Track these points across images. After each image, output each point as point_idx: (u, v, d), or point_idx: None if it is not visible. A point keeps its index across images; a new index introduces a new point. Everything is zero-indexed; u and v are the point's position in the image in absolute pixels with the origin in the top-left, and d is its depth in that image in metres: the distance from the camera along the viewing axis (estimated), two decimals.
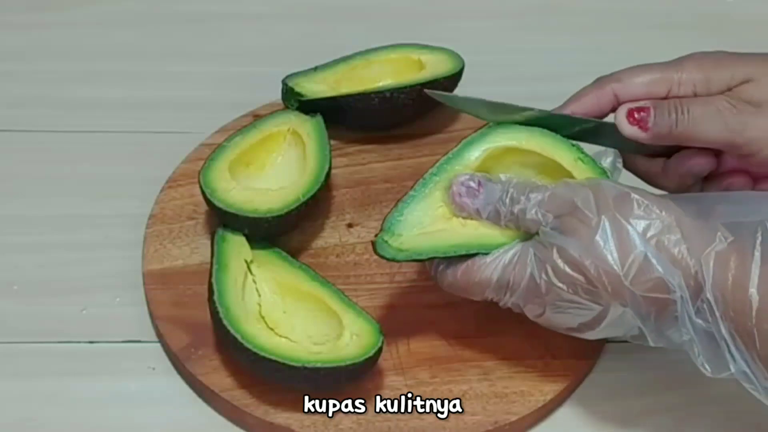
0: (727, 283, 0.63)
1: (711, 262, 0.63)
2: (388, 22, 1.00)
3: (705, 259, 0.63)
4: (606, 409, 0.74)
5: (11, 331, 0.77)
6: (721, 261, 0.63)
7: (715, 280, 0.63)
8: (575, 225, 0.66)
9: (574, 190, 0.67)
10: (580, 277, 0.65)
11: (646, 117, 0.70)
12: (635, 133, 0.70)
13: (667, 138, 0.70)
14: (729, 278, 0.63)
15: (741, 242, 0.63)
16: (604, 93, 0.72)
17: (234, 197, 0.78)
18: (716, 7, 1.02)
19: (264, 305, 0.75)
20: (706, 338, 0.64)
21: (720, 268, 0.63)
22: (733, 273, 0.63)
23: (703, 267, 0.63)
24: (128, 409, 0.74)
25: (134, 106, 0.92)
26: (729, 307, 0.62)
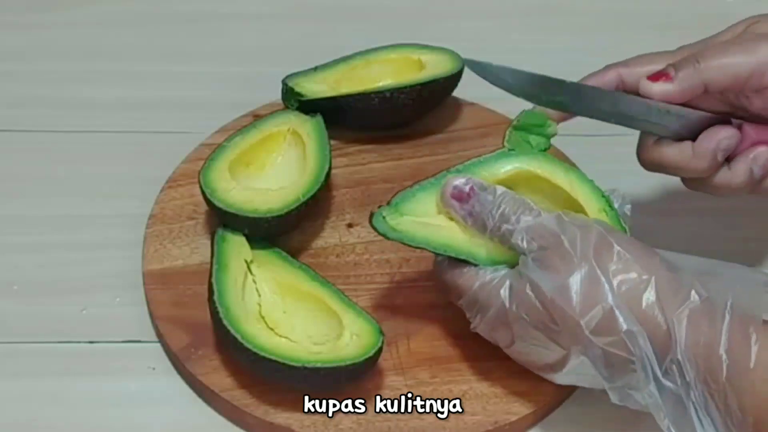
0: (699, 344, 0.62)
1: (684, 321, 0.63)
2: (388, 22, 1.00)
3: (678, 317, 0.63)
4: (606, 409, 0.74)
5: (11, 331, 0.77)
6: (693, 320, 0.63)
7: (687, 340, 0.62)
8: (555, 262, 0.65)
9: (563, 226, 0.66)
10: (547, 315, 0.65)
11: (668, 72, 0.69)
12: (663, 89, 0.69)
13: (694, 81, 0.69)
14: (701, 340, 0.62)
15: (712, 301, 0.63)
16: (609, 74, 0.72)
17: (234, 197, 0.78)
18: (716, 7, 1.02)
19: (264, 305, 0.75)
20: (673, 401, 0.63)
21: (692, 329, 0.62)
22: (705, 335, 0.62)
23: (675, 326, 0.63)
24: (128, 409, 0.74)
25: (134, 106, 0.92)
26: (700, 370, 0.62)
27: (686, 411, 0.63)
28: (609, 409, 0.74)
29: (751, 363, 0.61)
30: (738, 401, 0.61)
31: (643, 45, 0.88)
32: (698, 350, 0.62)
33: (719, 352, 0.62)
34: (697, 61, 0.69)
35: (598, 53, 0.89)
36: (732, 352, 0.62)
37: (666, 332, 0.63)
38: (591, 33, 1.00)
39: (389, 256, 0.80)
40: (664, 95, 0.69)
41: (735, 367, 0.61)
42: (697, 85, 0.69)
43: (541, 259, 0.66)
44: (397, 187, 0.84)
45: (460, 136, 0.88)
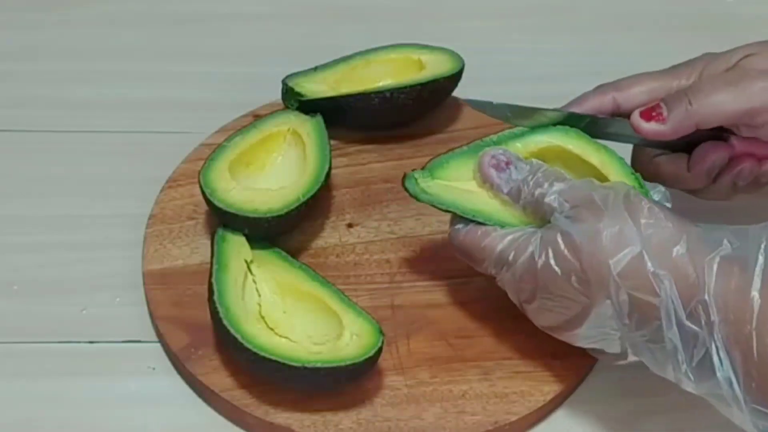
0: (730, 287, 0.62)
1: (714, 266, 0.63)
2: (388, 22, 1.00)
3: (708, 263, 0.63)
4: (606, 409, 0.74)
5: (11, 331, 0.77)
6: (724, 266, 0.63)
7: (717, 284, 0.63)
8: (585, 215, 0.66)
9: (595, 187, 0.68)
10: (575, 263, 0.66)
11: (659, 110, 0.71)
12: (655, 128, 0.71)
13: (686, 122, 0.70)
14: (732, 283, 0.62)
15: (745, 248, 0.63)
16: (605, 99, 0.74)
17: (234, 197, 0.78)
18: (716, 7, 1.02)
19: (264, 305, 0.75)
20: (692, 346, 0.63)
21: (723, 273, 0.63)
22: (736, 278, 0.62)
23: (706, 270, 0.63)
24: (128, 409, 0.74)
25: (134, 106, 0.92)
26: (729, 311, 0.62)
27: (706, 354, 0.63)
28: (609, 410, 0.74)
29: None
30: (762, 346, 0.61)
31: (643, 45, 0.89)
32: (728, 293, 0.62)
33: (751, 294, 0.62)
34: (690, 102, 0.70)
35: (598, 53, 0.90)
36: (765, 294, 0.61)
37: (694, 278, 0.63)
38: (591, 33, 1.00)
39: (389, 256, 0.80)
40: (655, 134, 0.71)
41: (766, 311, 0.61)
42: (689, 125, 0.71)
43: (572, 215, 0.67)
44: (397, 187, 0.84)
45: (460, 136, 0.88)
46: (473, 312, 0.76)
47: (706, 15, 1.00)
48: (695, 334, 0.63)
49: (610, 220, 0.65)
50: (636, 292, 0.64)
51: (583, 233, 0.65)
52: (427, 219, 0.82)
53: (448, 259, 0.79)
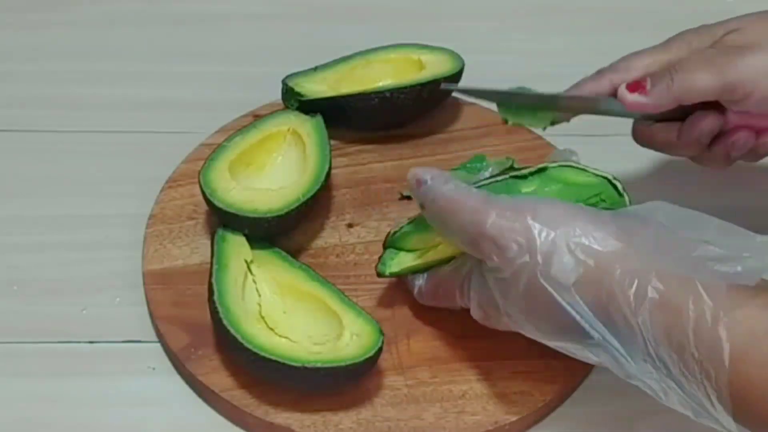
0: (667, 341, 0.62)
1: (648, 323, 0.63)
2: (388, 22, 1.00)
3: (641, 322, 0.63)
4: (606, 409, 0.74)
5: (11, 331, 0.77)
6: (655, 321, 0.63)
7: (656, 340, 0.63)
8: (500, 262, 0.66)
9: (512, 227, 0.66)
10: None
11: (644, 84, 0.72)
12: (637, 100, 0.72)
13: (667, 97, 0.72)
14: (670, 337, 0.62)
15: (675, 295, 0.63)
16: (602, 83, 0.75)
17: (234, 197, 0.78)
18: (716, 7, 1.01)
19: (264, 305, 0.75)
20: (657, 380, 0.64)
21: (656, 328, 0.63)
22: (671, 332, 0.62)
23: (640, 328, 0.63)
24: (128, 409, 0.74)
25: (134, 106, 0.92)
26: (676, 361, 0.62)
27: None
28: (609, 409, 0.74)
29: (725, 361, 0.61)
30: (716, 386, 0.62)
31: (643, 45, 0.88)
32: (670, 344, 0.62)
33: (690, 350, 0.62)
34: (672, 79, 0.72)
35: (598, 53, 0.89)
36: (703, 349, 0.61)
37: (628, 330, 0.63)
38: (591, 33, 1.00)
39: None
40: (638, 107, 0.73)
41: (710, 363, 0.61)
42: (669, 100, 0.72)
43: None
44: (397, 187, 0.84)
45: (460, 136, 0.88)
46: None
47: (706, 15, 1.00)
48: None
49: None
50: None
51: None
52: None
53: None
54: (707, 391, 0.62)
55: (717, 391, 0.61)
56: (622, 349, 0.64)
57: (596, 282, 0.64)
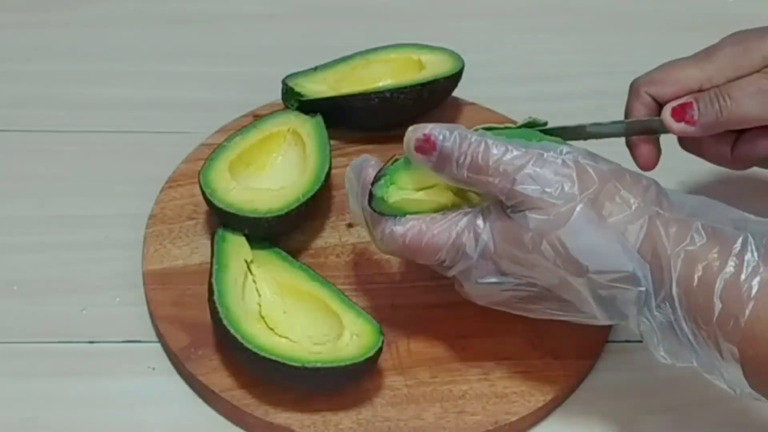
0: (692, 283, 0.63)
1: (679, 260, 0.63)
2: (388, 22, 1.00)
3: (674, 256, 0.63)
4: (606, 409, 0.74)
5: (11, 331, 0.77)
6: (689, 260, 0.63)
7: (680, 278, 0.63)
8: (545, 204, 0.65)
9: (557, 169, 0.65)
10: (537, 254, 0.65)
11: (691, 112, 0.71)
12: (684, 129, 0.71)
13: (715, 127, 0.71)
14: (695, 279, 0.63)
15: (715, 245, 0.63)
16: (642, 100, 0.73)
17: (234, 197, 0.78)
18: (716, 7, 1.02)
19: (264, 305, 0.75)
20: (666, 328, 0.64)
21: (687, 268, 0.63)
22: (700, 275, 0.62)
23: (672, 263, 0.63)
24: (128, 409, 0.74)
25: (134, 106, 0.92)
26: (692, 307, 0.63)
27: (681, 341, 0.64)
28: (609, 409, 0.74)
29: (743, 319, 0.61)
30: (728, 342, 0.62)
31: (643, 45, 0.89)
32: (690, 289, 0.63)
33: (713, 299, 0.62)
34: (720, 108, 0.71)
35: (599, 53, 0.90)
36: (726, 300, 0.62)
37: (662, 268, 0.63)
38: (591, 33, 1.00)
39: (389, 256, 0.80)
40: (684, 134, 0.72)
41: (726, 313, 0.62)
42: (718, 129, 0.72)
43: (529, 197, 0.65)
44: None
45: None
46: (473, 312, 0.76)
47: (706, 15, 1.00)
48: (666, 325, 0.64)
49: (578, 212, 0.64)
50: (615, 283, 0.64)
51: (551, 225, 0.64)
52: None
53: None
54: (718, 343, 0.62)
55: (729, 342, 0.62)
56: (650, 285, 0.64)
57: (637, 219, 0.64)
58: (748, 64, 0.72)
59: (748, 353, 0.62)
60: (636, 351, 0.72)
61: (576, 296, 0.66)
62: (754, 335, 0.61)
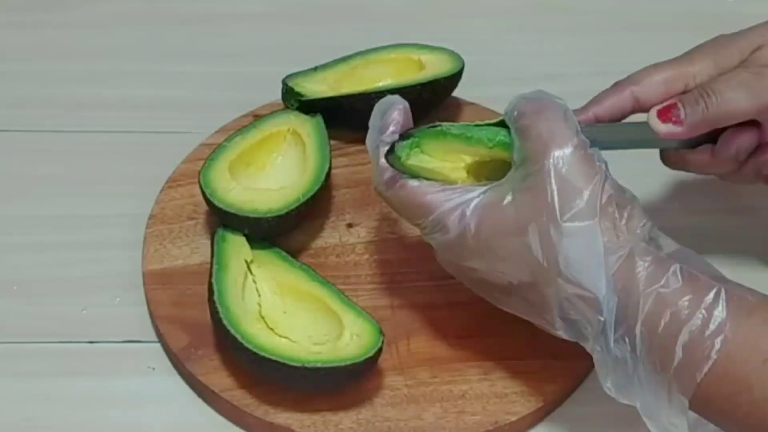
0: (658, 327, 0.63)
1: (650, 300, 0.63)
2: (388, 22, 1.00)
3: (645, 295, 0.63)
4: (606, 409, 0.74)
5: (11, 331, 0.77)
6: (659, 303, 0.63)
7: (646, 318, 0.63)
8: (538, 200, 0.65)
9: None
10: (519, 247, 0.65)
11: (676, 112, 0.70)
12: (671, 130, 0.71)
13: (702, 125, 0.70)
14: (661, 324, 0.63)
15: (688, 292, 0.63)
16: (623, 96, 0.73)
17: (234, 197, 0.78)
18: (716, 7, 1.02)
19: (264, 305, 0.75)
20: (620, 365, 0.64)
21: (656, 310, 0.63)
22: (666, 321, 0.62)
23: (641, 300, 0.63)
24: (128, 409, 0.74)
25: (134, 106, 0.92)
26: (653, 350, 0.63)
27: (630, 377, 0.64)
28: (609, 409, 0.74)
29: (699, 376, 0.62)
30: (681, 393, 0.62)
31: (643, 45, 0.88)
32: (655, 333, 0.63)
33: (675, 349, 0.62)
34: (706, 104, 0.70)
35: (598, 53, 0.90)
36: (687, 352, 0.62)
37: (626, 305, 0.63)
38: (591, 33, 1.00)
39: (389, 256, 0.80)
40: (671, 136, 0.71)
41: (685, 366, 0.62)
42: (705, 127, 0.71)
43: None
44: None
45: None
46: (473, 312, 0.76)
47: (706, 15, 1.00)
48: (621, 359, 0.64)
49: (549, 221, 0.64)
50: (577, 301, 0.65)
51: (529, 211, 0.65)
52: None
53: None
54: (670, 391, 0.63)
55: (682, 395, 0.62)
56: (612, 317, 0.64)
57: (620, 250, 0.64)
58: (728, 60, 0.72)
59: (699, 410, 0.63)
60: None
61: (540, 299, 0.66)
62: (707, 396, 0.62)
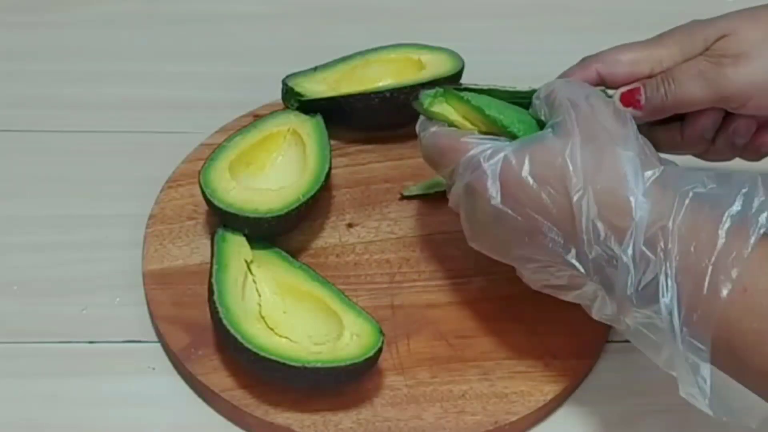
0: (697, 220, 0.62)
1: (686, 201, 0.63)
2: (388, 22, 1.00)
3: (681, 195, 0.63)
4: (606, 409, 0.74)
5: (11, 331, 0.77)
6: (695, 201, 0.63)
7: (684, 215, 0.62)
8: (565, 131, 0.66)
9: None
10: (549, 179, 0.66)
11: (638, 96, 0.72)
12: (632, 113, 0.71)
13: (661, 111, 0.72)
14: (699, 218, 0.62)
15: (723, 192, 0.63)
16: (588, 72, 0.74)
17: (234, 197, 0.78)
18: (716, 7, 1.01)
19: (264, 305, 0.75)
20: (641, 269, 0.63)
21: (693, 207, 0.63)
22: (705, 214, 0.62)
23: (676, 201, 0.63)
24: (128, 409, 0.74)
25: (134, 106, 0.92)
26: (691, 243, 0.62)
27: (654, 280, 0.63)
28: (609, 409, 0.74)
29: (746, 252, 0.61)
30: (714, 282, 0.61)
31: None
32: (694, 226, 0.62)
33: (717, 231, 0.62)
34: (665, 94, 0.72)
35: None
36: (731, 234, 0.61)
37: (662, 206, 0.63)
38: (591, 33, 1.00)
39: (389, 256, 0.80)
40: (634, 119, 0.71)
41: (727, 251, 0.61)
42: (664, 113, 0.73)
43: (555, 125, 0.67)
44: (397, 187, 0.84)
45: None
46: (473, 312, 0.76)
47: (706, 15, 1.00)
48: (647, 260, 0.63)
49: (589, 141, 0.65)
50: (610, 217, 0.64)
51: (559, 150, 0.65)
52: (427, 219, 0.83)
53: (448, 259, 0.79)
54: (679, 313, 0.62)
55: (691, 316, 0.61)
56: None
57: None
58: (693, 48, 0.73)
59: (722, 347, 0.61)
60: (636, 351, 0.71)
61: (568, 229, 0.65)
62: (731, 329, 0.61)
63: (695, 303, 0.62)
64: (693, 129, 0.74)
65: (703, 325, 0.61)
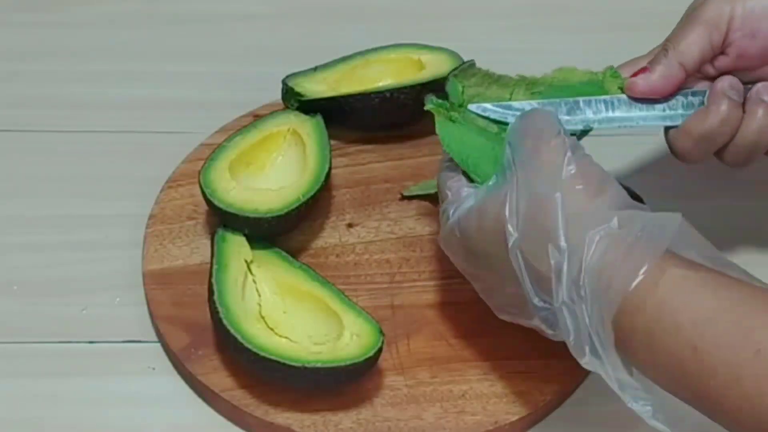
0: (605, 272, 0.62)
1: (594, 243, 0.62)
2: (388, 22, 1.00)
3: (590, 238, 0.62)
4: (606, 409, 0.74)
5: (11, 331, 0.77)
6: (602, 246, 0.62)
7: (593, 263, 0.62)
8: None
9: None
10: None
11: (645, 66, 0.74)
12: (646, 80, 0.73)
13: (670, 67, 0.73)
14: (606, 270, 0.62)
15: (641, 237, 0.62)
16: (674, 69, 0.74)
17: (234, 197, 0.78)
18: None
19: (264, 305, 0.75)
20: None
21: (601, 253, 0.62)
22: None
23: (586, 247, 0.62)
24: (128, 409, 0.74)
25: (134, 106, 0.92)
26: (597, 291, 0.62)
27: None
28: (609, 409, 0.74)
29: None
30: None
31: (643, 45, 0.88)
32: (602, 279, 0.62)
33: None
34: (666, 49, 0.73)
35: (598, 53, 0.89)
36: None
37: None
38: (591, 33, 1.00)
39: (389, 256, 0.80)
40: (648, 86, 0.73)
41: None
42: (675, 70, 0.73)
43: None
44: (397, 187, 0.84)
45: None
46: (473, 312, 0.76)
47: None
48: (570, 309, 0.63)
49: (523, 188, 0.65)
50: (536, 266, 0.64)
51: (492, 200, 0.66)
52: (427, 219, 0.83)
53: (448, 259, 0.79)
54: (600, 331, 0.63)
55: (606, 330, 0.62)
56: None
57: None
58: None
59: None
60: None
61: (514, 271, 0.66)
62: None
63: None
64: (716, 88, 0.72)
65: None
